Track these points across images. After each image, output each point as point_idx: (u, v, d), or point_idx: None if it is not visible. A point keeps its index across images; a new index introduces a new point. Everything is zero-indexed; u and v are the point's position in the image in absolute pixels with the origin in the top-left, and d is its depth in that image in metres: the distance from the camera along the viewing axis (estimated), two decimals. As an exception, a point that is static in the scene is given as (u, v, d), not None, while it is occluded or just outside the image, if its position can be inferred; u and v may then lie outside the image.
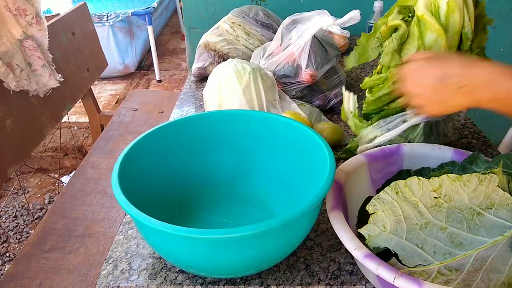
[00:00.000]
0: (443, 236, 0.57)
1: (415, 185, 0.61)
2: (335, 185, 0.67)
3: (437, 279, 0.55)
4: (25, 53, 1.32)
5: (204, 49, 1.35)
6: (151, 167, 0.75)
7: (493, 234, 0.56)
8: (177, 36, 4.38)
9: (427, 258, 0.56)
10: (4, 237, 1.99)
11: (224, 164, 0.83)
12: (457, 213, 0.58)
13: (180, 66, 3.72)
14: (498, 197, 0.58)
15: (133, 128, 1.80)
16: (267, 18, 1.41)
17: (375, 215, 0.60)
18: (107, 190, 1.43)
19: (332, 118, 1.12)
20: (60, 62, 1.56)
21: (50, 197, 2.23)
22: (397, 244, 0.58)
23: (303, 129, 0.74)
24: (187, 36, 1.80)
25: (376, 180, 0.74)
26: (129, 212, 0.58)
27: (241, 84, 0.99)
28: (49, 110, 1.51)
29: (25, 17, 1.30)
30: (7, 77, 1.22)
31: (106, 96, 3.16)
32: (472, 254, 0.55)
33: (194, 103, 1.24)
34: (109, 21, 3.12)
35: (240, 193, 0.82)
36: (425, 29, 0.73)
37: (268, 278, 0.66)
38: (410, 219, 0.59)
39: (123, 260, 0.70)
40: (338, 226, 0.59)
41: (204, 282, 0.66)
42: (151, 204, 0.66)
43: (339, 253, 0.71)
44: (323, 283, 0.66)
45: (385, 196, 0.61)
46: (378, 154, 0.75)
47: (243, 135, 0.81)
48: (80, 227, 1.27)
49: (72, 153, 2.47)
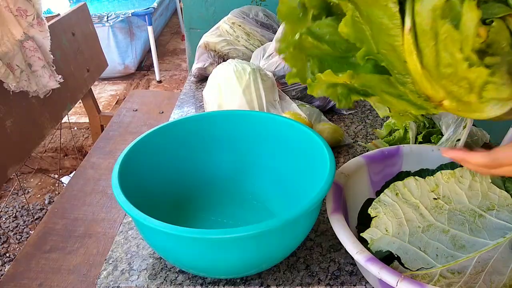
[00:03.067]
0: (446, 239, 0.57)
1: (413, 185, 0.61)
2: (335, 188, 0.67)
3: (440, 282, 0.55)
4: (25, 54, 1.32)
5: (204, 50, 1.35)
6: (151, 167, 0.75)
7: (495, 236, 0.56)
8: (177, 37, 4.38)
9: (429, 261, 0.56)
10: (4, 238, 1.99)
11: (224, 164, 0.83)
12: (458, 215, 0.58)
13: (180, 67, 3.72)
14: (496, 196, 0.58)
15: (133, 129, 1.80)
16: (267, 19, 1.41)
17: (377, 218, 0.60)
18: (107, 190, 1.43)
19: (332, 119, 1.12)
20: (60, 63, 1.56)
21: (50, 197, 2.23)
22: (400, 247, 0.57)
23: (303, 130, 0.74)
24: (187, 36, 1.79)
25: (376, 182, 0.73)
26: (129, 212, 0.58)
27: (241, 85, 0.99)
28: (49, 111, 1.51)
29: (26, 17, 1.29)
30: (7, 77, 1.22)
31: (106, 97, 3.16)
32: (474, 257, 0.55)
33: (194, 104, 1.24)
34: (109, 21, 3.12)
35: (240, 193, 0.82)
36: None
37: (268, 278, 0.66)
38: (412, 222, 0.59)
39: (123, 260, 0.70)
40: (339, 229, 0.59)
41: (204, 282, 0.66)
42: (151, 204, 0.66)
43: (339, 253, 0.70)
44: (323, 283, 0.65)
45: (386, 199, 0.61)
46: (377, 155, 0.75)
47: (243, 135, 0.81)
48: (80, 227, 1.27)
49: (72, 154, 2.47)
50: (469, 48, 0.42)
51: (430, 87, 0.46)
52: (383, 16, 0.44)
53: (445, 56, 0.43)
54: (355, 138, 1.03)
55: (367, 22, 0.46)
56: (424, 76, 0.46)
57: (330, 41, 0.48)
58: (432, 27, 0.42)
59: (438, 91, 0.46)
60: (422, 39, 0.44)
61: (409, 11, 0.43)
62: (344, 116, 1.13)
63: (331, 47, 0.49)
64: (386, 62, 0.47)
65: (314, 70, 0.48)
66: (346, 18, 0.45)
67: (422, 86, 0.47)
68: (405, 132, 0.93)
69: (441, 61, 0.44)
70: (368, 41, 0.47)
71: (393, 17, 0.44)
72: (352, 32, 0.46)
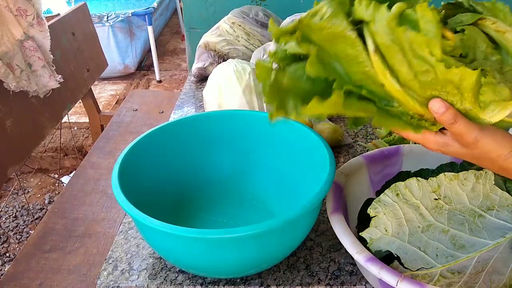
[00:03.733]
0: (445, 239, 0.57)
1: (415, 186, 0.61)
2: (335, 188, 0.67)
3: (440, 282, 0.55)
4: (25, 53, 1.32)
5: (204, 50, 1.35)
6: (151, 167, 0.75)
7: (495, 236, 0.56)
8: (177, 36, 4.38)
9: (429, 261, 0.56)
10: (4, 237, 1.99)
11: (224, 164, 0.83)
12: (458, 215, 0.58)
13: (180, 66, 3.72)
14: (497, 197, 0.58)
15: (133, 128, 1.80)
16: (267, 19, 1.41)
17: (376, 218, 0.60)
18: (107, 190, 1.43)
19: (332, 118, 1.12)
20: (60, 63, 1.56)
21: (50, 197, 2.23)
22: (399, 247, 0.58)
23: (303, 129, 0.74)
24: (187, 36, 1.79)
25: (376, 182, 0.73)
26: (129, 212, 0.58)
27: (241, 84, 0.99)
28: (49, 110, 1.51)
29: (26, 17, 1.29)
30: (7, 77, 1.22)
31: (106, 96, 3.16)
32: (474, 257, 0.55)
33: (194, 103, 1.24)
34: (109, 21, 3.12)
35: (240, 193, 0.82)
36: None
37: (268, 278, 0.66)
38: (412, 222, 0.59)
39: (123, 260, 0.70)
40: (339, 229, 0.59)
41: (204, 282, 0.66)
42: (151, 204, 0.66)
43: (339, 253, 0.70)
44: (323, 283, 0.65)
45: (386, 199, 0.61)
46: (377, 155, 0.75)
47: (243, 135, 0.81)
48: (80, 227, 1.27)
49: (72, 153, 2.47)
50: (438, 50, 0.41)
51: (418, 105, 0.46)
52: (345, 47, 0.44)
53: (418, 63, 0.42)
54: (355, 138, 1.03)
55: (336, 59, 0.45)
56: (407, 94, 0.45)
57: (307, 80, 0.47)
58: (393, 39, 0.42)
59: (427, 106, 0.46)
60: (389, 55, 0.43)
61: (368, 34, 0.43)
62: (344, 116, 1.13)
63: (310, 85, 0.48)
64: (365, 91, 0.46)
65: (297, 105, 0.47)
66: (310, 58, 0.45)
67: (409, 106, 0.46)
68: (405, 132, 0.93)
69: (417, 69, 0.43)
70: (340, 77, 0.46)
71: (355, 44, 0.43)
72: (320, 70, 0.45)
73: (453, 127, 0.46)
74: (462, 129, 0.46)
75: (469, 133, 0.46)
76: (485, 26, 0.45)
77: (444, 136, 0.49)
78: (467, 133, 0.46)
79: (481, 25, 0.45)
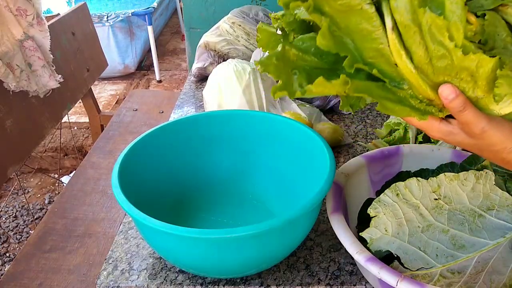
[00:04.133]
0: (445, 239, 0.57)
1: (415, 186, 0.61)
2: (335, 188, 0.67)
3: (440, 282, 0.55)
4: (25, 53, 1.32)
5: (204, 49, 1.35)
6: (151, 167, 0.75)
7: (495, 235, 0.56)
8: (177, 36, 4.38)
9: (429, 261, 0.56)
10: (4, 237, 1.99)
11: (224, 164, 0.83)
12: (458, 215, 0.58)
13: (180, 66, 3.72)
14: (497, 197, 0.58)
15: (133, 128, 1.80)
16: (267, 18, 1.41)
17: (376, 218, 0.60)
18: (107, 190, 1.43)
19: (332, 118, 1.12)
20: (60, 62, 1.56)
21: (50, 197, 2.23)
22: (399, 247, 0.57)
23: (303, 129, 0.74)
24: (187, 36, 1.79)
25: (376, 182, 0.73)
26: (129, 212, 0.58)
27: (241, 84, 0.99)
28: (49, 110, 1.51)
29: (26, 17, 1.29)
30: (7, 77, 1.22)
31: (106, 96, 3.16)
32: (474, 257, 0.55)
33: (194, 103, 1.24)
34: (109, 21, 3.12)
35: (240, 193, 0.82)
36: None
37: (268, 278, 0.66)
38: (412, 222, 0.59)
39: (123, 260, 0.70)
40: (339, 229, 0.59)
41: (204, 282, 0.66)
42: (151, 204, 0.66)
43: (339, 253, 0.70)
44: (323, 283, 0.65)
45: (386, 199, 0.61)
46: (377, 155, 0.75)
47: (243, 135, 0.81)
48: (80, 227, 1.27)
49: (72, 153, 2.47)
50: (460, 35, 0.39)
51: (429, 89, 0.44)
52: (361, 21, 0.41)
53: (435, 48, 0.41)
54: (355, 138, 1.03)
55: (347, 33, 0.43)
56: (420, 77, 0.43)
57: (316, 53, 0.45)
58: (413, 19, 0.40)
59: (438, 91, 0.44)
60: (407, 36, 0.41)
61: (386, 10, 0.41)
62: (344, 116, 1.13)
63: (318, 59, 0.45)
64: (376, 70, 0.44)
65: (302, 83, 0.44)
66: (322, 30, 0.42)
67: (420, 89, 0.45)
68: (405, 132, 0.93)
69: (433, 54, 0.41)
70: (352, 54, 0.44)
71: (372, 19, 0.41)
72: (332, 44, 0.43)
73: (461, 115, 0.45)
74: (470, 118, 0.44)
75: (477, 123, 0.45)
76: (506, 13, 0.43)
77: (449, 124, 0.47)
78: (474, 122, 0.45)
79: (502, 12, 0.43)
